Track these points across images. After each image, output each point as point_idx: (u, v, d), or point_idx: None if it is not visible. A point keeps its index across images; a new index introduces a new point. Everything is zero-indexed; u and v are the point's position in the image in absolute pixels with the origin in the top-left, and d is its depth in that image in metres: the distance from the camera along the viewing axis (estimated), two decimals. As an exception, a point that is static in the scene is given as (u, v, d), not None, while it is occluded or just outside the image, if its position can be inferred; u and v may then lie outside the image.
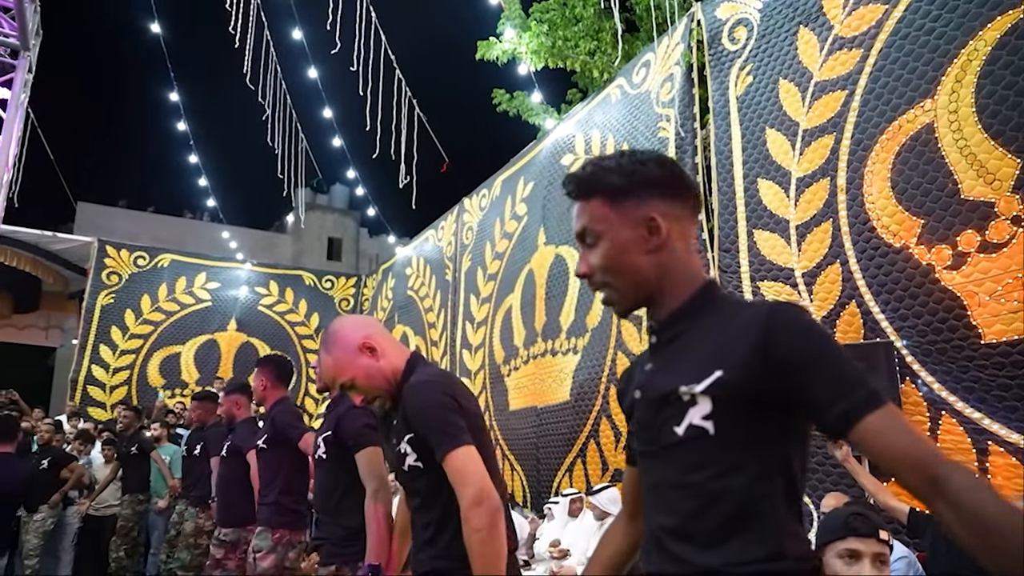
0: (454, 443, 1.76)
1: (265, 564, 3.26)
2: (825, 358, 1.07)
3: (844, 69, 4.49)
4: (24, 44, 4.33)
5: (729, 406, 1.11)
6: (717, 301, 1.24)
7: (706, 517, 1.11)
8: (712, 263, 5.24)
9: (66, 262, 11.55)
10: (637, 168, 1.25)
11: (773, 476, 1.10)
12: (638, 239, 1.24)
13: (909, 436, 1.01)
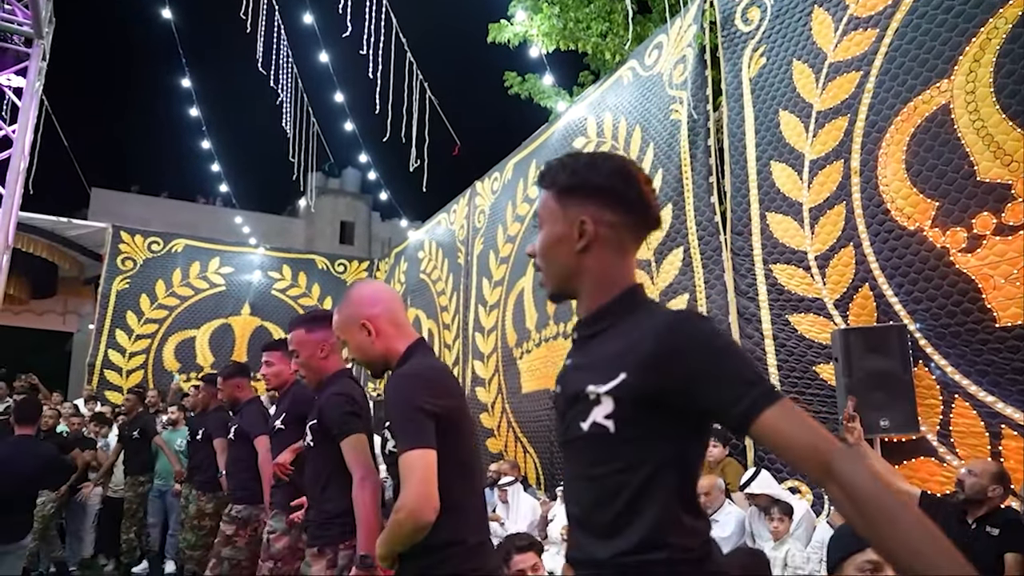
0: (408, 443, 1.82)
1: (279, 545, 3.31)
2: (722, 363, 1.15)
3: (859, 50, 4.44)
4: (38, 32, 4.34)
5: (629, 407, 1.19)
6: (636, 306, 1.31)
7: (603, 509, 1.21)
8: (725, 246, 5.23)
9: (82, 248, 11.64)
10: (586, 173, 1.33)
11: (667, 472, 1.19)
12: (568, 236, 1.33)
13: (804, 427, 1.10)
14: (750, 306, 4.97)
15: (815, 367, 4.50)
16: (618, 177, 1.32)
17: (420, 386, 1.90)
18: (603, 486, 1.22)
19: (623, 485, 1.19)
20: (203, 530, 5.39)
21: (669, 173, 5.81)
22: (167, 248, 11.54)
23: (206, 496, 5.48)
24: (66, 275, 12.37)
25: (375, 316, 2.08)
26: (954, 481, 3.53)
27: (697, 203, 5.52)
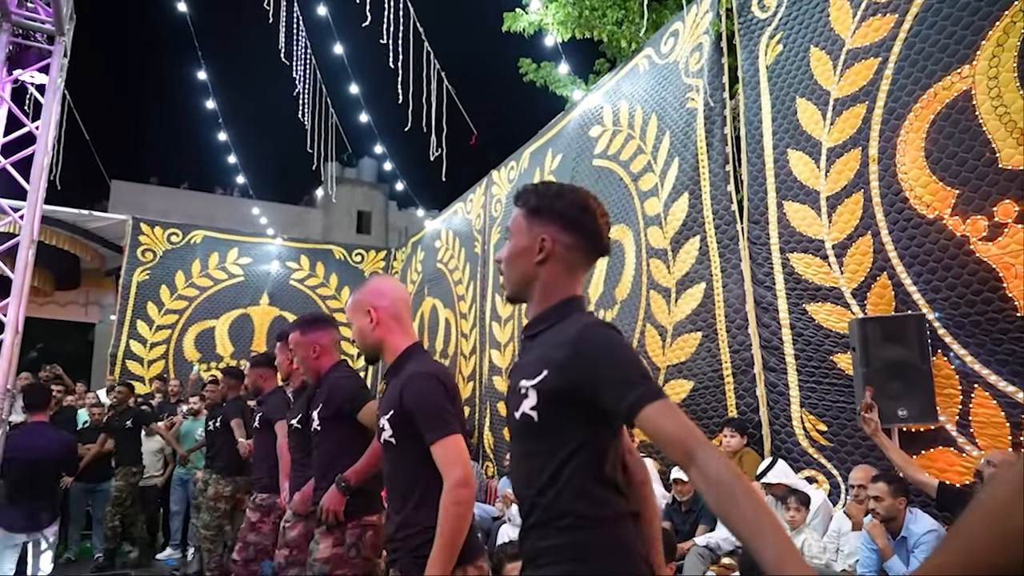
0: (446, 430, 2.07)
1: (293, 533, 3.41)
2: (617, 366, 1.38)
3: (877, 36, 4.39)
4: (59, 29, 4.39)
5: (548, 400, 1.44)
6: (568, 314, 1.54)
7: (531, 485, 1.47)
8: (741, 235, 5.20)
9: (103, 240, 11.77)
10: (551, 199, 1.58)
11: (579, 455, 1.43)
12: (530, 249, 1.58)
13: (675, 421, 1.31)
14: (767, 295, 4.95)
15: (832, 356, 4.48)
16: (578, 208, 1.57)
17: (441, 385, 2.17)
18: (531, 466, 1.48)
19: (544, 465, 1.44)
20: (217, 511, 5.68)
21: (685, 162, 5.78)
22: (186, 239, 11.64)
23: (224, 480, 5.72)
24: (88, 267, 12.51)
25: (381, 307, 2.32)
26: (973, 471, 3.52)
27: (714, 192, 5.50)
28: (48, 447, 4.74)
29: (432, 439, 2.06)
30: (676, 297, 5.71)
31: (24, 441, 4.66)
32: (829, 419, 4.47)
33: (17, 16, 4.37)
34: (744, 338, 5.07)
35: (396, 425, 2.15)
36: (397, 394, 2.16)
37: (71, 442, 5.38)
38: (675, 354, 5.64)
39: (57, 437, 5.01)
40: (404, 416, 2.12)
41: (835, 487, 4.39)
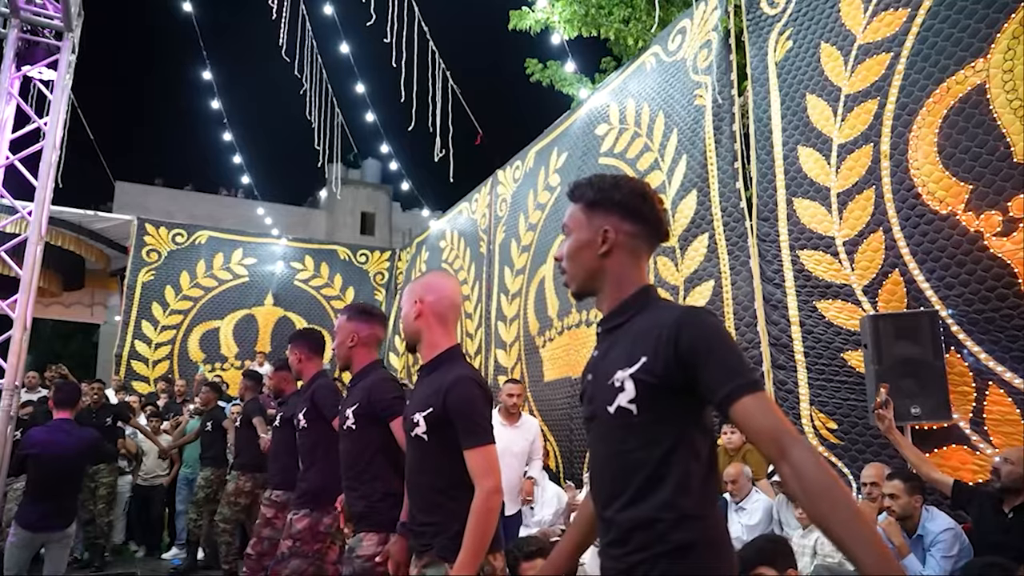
0: (484, 439, 2.14)
1: (299, 526, 3.54)
2: (718, 352, 1.37)
3: (889, 30, 4.36)
4: (68, 25, 4.38)
5: (648, 391, 1.41)
6: (650, 303, 1.54)
7: (628, 481, 1.43)
8: (750, 232, 5.18)
9: (108, 240, 11.78)
10: (609, 190, 1.58)
11: (680, 449, 1.40)
12: (593, 242, 1.58)
13: (771, 415, 1.31)
14: (776, 292, 4.92)
15: (843, 354, 4.45)
16: (636, 195, 1.57)
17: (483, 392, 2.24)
18: (627, 461, 1.43)
19: (644, 460, 1.40)
20: (237, 506, 5.91)
21: (693, 159, 5.76)
22: (191, 240, 11.64)
23: (245, 476, 5.93)
24: (93, 267, 12.52)
25: (427, 301, 2.36)
26: (988, 469, 3.48)
27: (722, 189, 5.47)
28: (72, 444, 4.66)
29: (469, 445, 2.13)
30: (684, 295, 5.68)
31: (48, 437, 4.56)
32: (840, 417, 4.44)
33: (26, 12, 4.37)
34: (753, 336, 5.04)
35: (432, 424, 2.19)
36: (439, 395, 2.18)
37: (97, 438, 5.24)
38: (684, 352, 5.61)
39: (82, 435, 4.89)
40: (443, 418, 2.17)
41: (847, 486, 4.36)
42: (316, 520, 3.55)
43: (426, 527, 2.20)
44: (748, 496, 4.46)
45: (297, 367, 4.01)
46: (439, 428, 2.16)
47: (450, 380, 2.19)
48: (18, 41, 4.40)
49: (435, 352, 2.33)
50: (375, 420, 2.87)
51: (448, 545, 2.11)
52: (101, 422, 7.14)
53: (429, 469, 2.24)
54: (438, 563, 2.13)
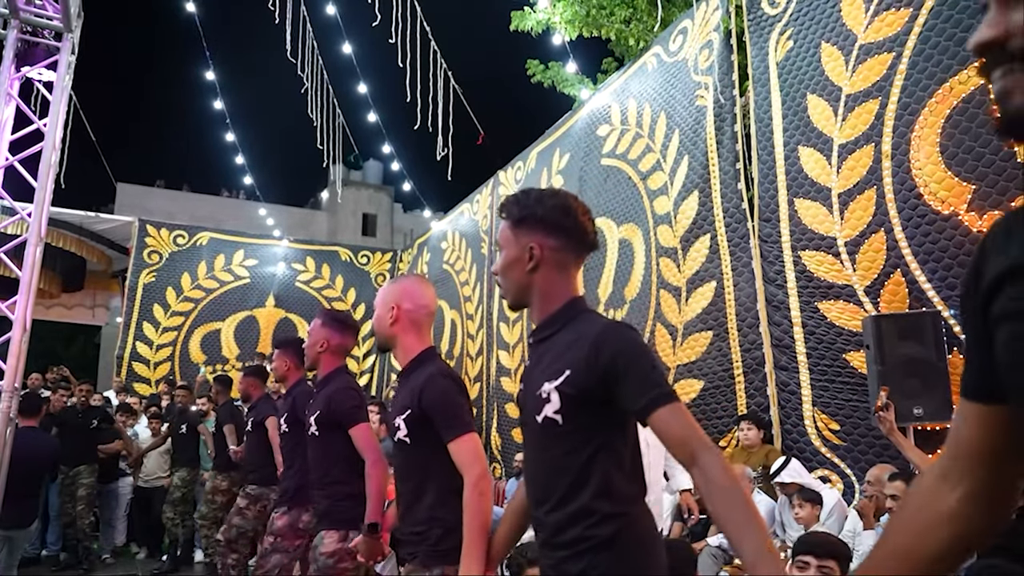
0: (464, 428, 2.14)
1: (279, 523, 3.74)
2: (636, 366, 1.46)
3: (891, 30, 4.35)
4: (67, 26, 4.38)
5: (571, 402, 1.50)
6: (577, 315, 1.62)
7: (555, 484, 1.52)
8: (752, 233, 5.17)
9: (109, 242, 11.76)
10: (533, 207, 1.65)
11: (602, 454, 1.50)
12: (520, 258, 1.65)
13: (683, 424, 1.41)
14: (778, 293, 4.91)
15: (845, 355, 4.44)
16: (559, 211, 1.63)
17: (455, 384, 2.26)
18: (553, 467, 1.54)
19: (569, 466, 1.51)
20: (214, 504, 6.20)
21: (695, 160, 5.75)
22: (192, 241, 11.63)
23: (221, 475, 6.24)
24: (94, 268, 12.51)
25: (403, 308, 2.37)
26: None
27: (724, 190, 5.46)
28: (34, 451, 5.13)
29: (450, 437, 2.12)
30: (686, 296, 5.67)
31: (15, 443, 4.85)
32: (842, 418, 4.43)
33: (25, 12, 4.36)
34: (755, 337, 5.03)
35: (411, 425, 2.20)
36: (415, 395, 2.21)
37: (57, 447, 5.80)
38: (685, 353, 5.60)
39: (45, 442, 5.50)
40: (420, 416, 2.18)
41: (849, 487, 4.34)
42: (295, 518, 3.73)
43: (412, 535, 2.21)
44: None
45: (283, 372, 4.14)
46: (419, 429, 2.18)
47: (423, 379, 2.23)
48: (17, 42, 4.39)
49: (410, 356, 2.37)
50: (336, 426, 3.08)
51: (430, 552, 2.13)
52: (87, 423, 7.13)
53: (413, 475, 2.24)
54: (420, 569, 2.16)
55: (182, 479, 7.27)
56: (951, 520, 0.93)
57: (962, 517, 0.93)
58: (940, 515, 0.94)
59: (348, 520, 3.02)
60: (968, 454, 0.93)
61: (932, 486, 0.97)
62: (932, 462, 1.09)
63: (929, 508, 0.96)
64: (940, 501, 0.95)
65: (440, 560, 2.10)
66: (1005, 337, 0.81)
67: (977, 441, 0.92)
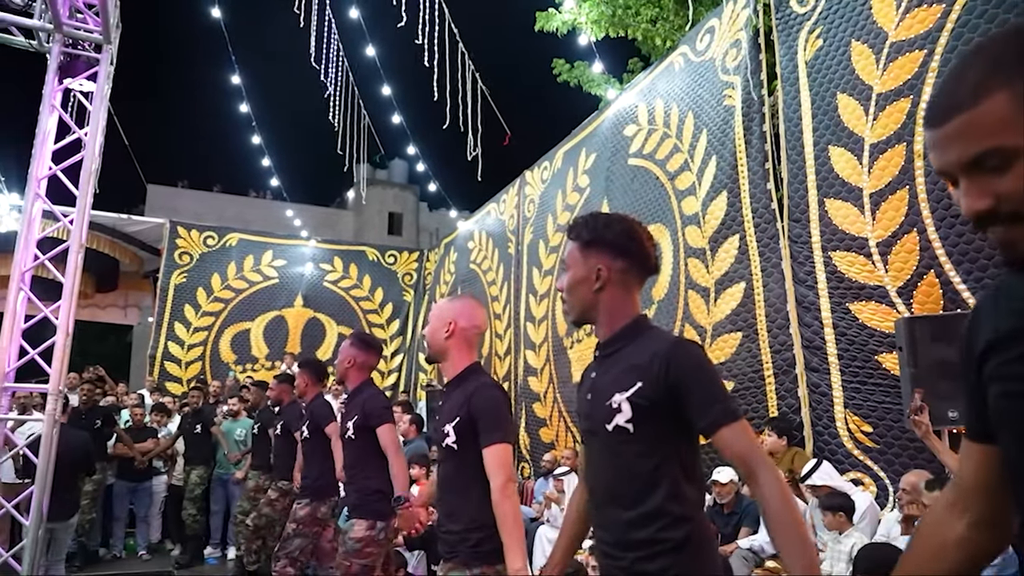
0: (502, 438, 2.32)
1: (302, 512, 4.43)
2: (703, 383, 1.58)
3: (923, 27, 4.31)
4: (107, 37, 4.48)
5: (642, 412, 1.61)
6: (642, 332, 1.73)
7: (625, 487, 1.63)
8: (782, 233, 5.14)
9: (141, 243, 11.94)
10: (601, 231, 1.77)
11: (670, 461, 1.61)
12: (588, 279, 1.76)
13: (746, 443, 1.53)
14: (808, 294, 4.88)
15: (877, 356, 4.40)
16: (626, 236, 1.76)
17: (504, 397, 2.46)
18: (624, 472, 1.64)
19: (639, 472, 1.61)
20: (255, 501, 6.32)
21: (723, 160, 5.73)
22: (222, 242, 11.76)
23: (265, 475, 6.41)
24: (127, 269, 12.70)
25: (461, 327, 2.54)
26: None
27: (753, 190, 5.44)
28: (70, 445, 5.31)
29: (487, 442, 2.30)
30: (715, 297, 5.66)
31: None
32: (875, 420, 4.40)
33: (68, 27, 4.49)
34: (786, 338, 5.00)
35: (460, 431, 2.37)
36: (464, 402, 2.39)
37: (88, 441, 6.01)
38: (715, 354, 5.58)
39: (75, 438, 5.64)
40: (468, 422, 2.35)
41: (882, 489, 4.31)
42: (315, 509, 4.43)
43: (453, 535, 2.37)
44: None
45: (302, 389, 4.95)
46: (467, 435, 2.35)
47: (472, 388, 2.41)
48: (60, 55, 4.51)
49: (459, 369, 2.53)
50: (369, 429, 3.53)
51: (472, 552, 2.31)
52: (90, 423, 7.24)
53: (459, 480, 2.40)
54: (461, 568, 2.32)
55: (200, 476, 7.62)
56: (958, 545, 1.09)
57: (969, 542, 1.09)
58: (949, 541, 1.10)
59: (375, 512, 3.53)
60: (971, 487, 1.10)
61: (942, 515, 1.14)
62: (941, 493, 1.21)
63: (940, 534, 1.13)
64: (949, 528, 1.11)
65: (481, 560, 2.28)
66: (995, 394, 0.99)
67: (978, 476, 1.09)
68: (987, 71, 0.88)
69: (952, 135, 0.90)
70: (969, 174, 0.91)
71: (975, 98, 0.88)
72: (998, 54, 0.89)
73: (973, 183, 0.90)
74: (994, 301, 1.02)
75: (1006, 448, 1.00)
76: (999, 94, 0.86)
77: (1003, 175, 0.87)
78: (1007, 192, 0.87)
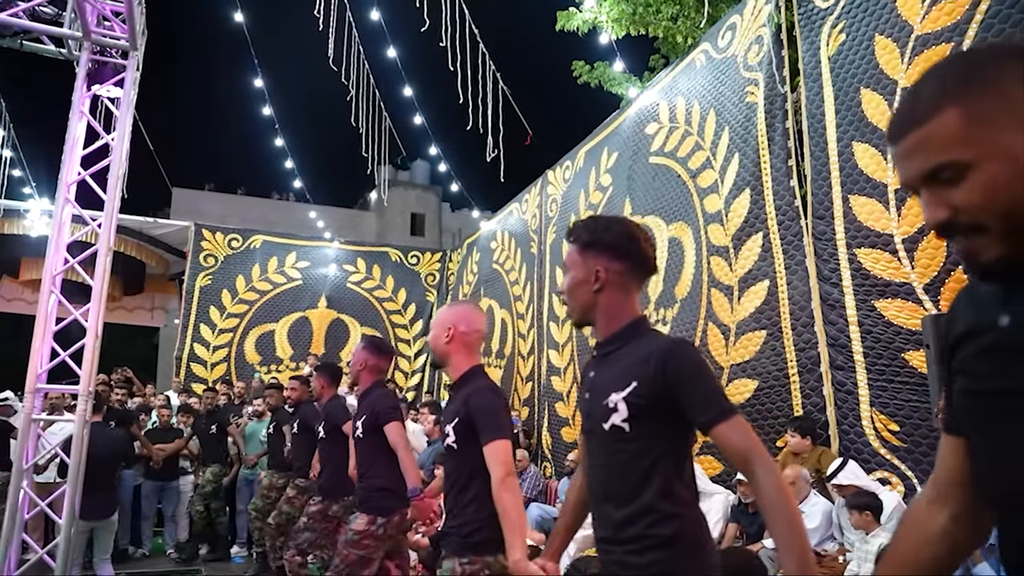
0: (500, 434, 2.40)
1: (313, 509, 4.67)
2: (698, 383, 1.62)
3: (950, 19, 4.24)
4: (133, 44, 4.57)
5: (638, 411, 1.65)
6: (640, 333, 1.77)
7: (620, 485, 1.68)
8: (806, 231, 5.10)
9: (167, 246, 12.11)
10: (600, 233, 1.81)
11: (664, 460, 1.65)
12: (587, 280, 1.80)
13: (742, 438, 1.56)
14: (833, 292, 4.84)
15: (904, 354, 4.35)
16: (625, 238, 1.79)
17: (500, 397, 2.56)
18: (620, 469, 1.69)
19: (634, 469, 1.66)
20: (268, 499, 6.54)
21: (746, 157, 5.69)
22: (246, 244, 11.87)
23: (279, 474, 6.59)
24: (153, 272, 12.88)
25: (460, 331, 2.64)
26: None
27: (776, 187, 5.40)
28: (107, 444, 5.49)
29: (486, 439, 2.40)
30: (739, 295, 5.62)
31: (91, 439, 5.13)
32: (902, 418, 4.34)
33: (96, 34, 4.59)
34: (810, 336, 4.96)
35: (459, 431, 2.48)
36: (464, 404, 2.50)
37: (126, 439, 6.22)
38: (739, 353, 5.55)
39: (113, 436, 5.88)
40: (466, 422, 2.46)
41: (910, 488, 4.26)
42: (327, 507, 4.65)
43: (450, 529, 2.51)
44: (807, 499, 4.40)
45: (319, 391, 5.12)
46: (466, 435, 2.46)
47: (470, 390, 2.53)
48: (89, 62, 4.60)
49: (460, 372, 2.64)
50: (378, 429, 3.71)
51: (459, 544, 2.45)
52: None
53: (459, 477, 2.52)
54: (450, 559, 2.45)
55: (214, 474, 7.82)
56: (941, 537, 1.12)
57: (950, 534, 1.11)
58: (932, 533, 1.13)
59: (377, 508, 3.74)
60: (950, 480, 1.13)
61: (924, 508, 1.16)
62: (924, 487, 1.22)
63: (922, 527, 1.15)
64: (932, 521, 1.13)
65: (470, 551, 2.41)
66: (957, 389, 1.04)
67: (956, 469, 1.11)
68: (939, 88, 0.94)
69: (909, 149, 0.96)
70: (927, 186, 0.96)
71: (928, 114, 0.93)
72: (950, 73, 0.95)
73: (931, 194, 0.95)
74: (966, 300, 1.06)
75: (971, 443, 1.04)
76: (950, 111, 0.91)
77: (958, 187, 0.92)
78: (962, 204, 0.91)
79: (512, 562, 2.17)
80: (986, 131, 0.89)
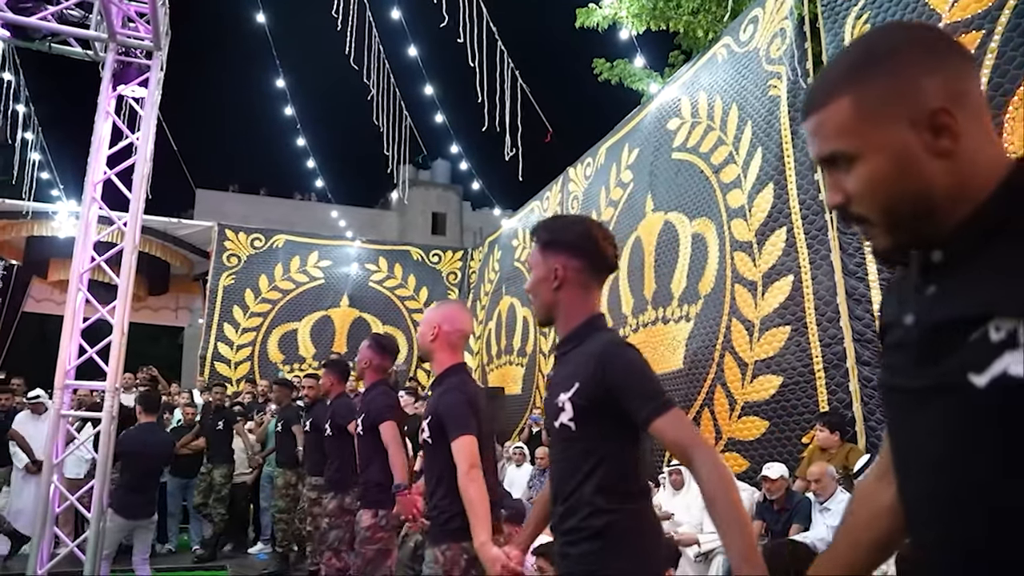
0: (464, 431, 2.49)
1: (331, 506, 4.77)
2: (635, 381, 1.66)
3: (980, 6, 4.16)
4: (157, 44, 4.63)
5: (582, 412, 1.71)
6: (592, 332, 1.81)
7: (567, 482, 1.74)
8: (830, 225, 5.04)
9: (191, 246, 12.21)
10: (560, 231, 1.88)
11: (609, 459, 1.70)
12: (547, 278, 1.84)
13: (679, 431, 1.60)
14: (859, 286, 4.78)
15: (933, 349, 4.27)
16: (582, 236, 1.83)
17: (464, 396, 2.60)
18: (567, 466, 1.76)
19: (578, 467, 1.72)
20: (287, 497, 6.81)
21: (769, 151, 5.63)
22: (269, 244, 11.95)
23: (292, 471, 6.80)
24: (177, 272, 13.00)
25: (444, 330, 2.74)
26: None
27: (800, 181, 5.34)
28: (157, 446, 5.61)
29: (452, 436, 2.50)
30: (763, 290, 5.57)
31: (143, 438, 5.42)
32: (931, 414, 4.27)
33: (121, 35, 4.66)
34: (836, 331, 4.90)
35: (433, 428, 2.61)
36: (435, 402, 2.65)
37: (172, 441, 6.33)
38: (763, 349, 5.50)
39: (164, 437, 5.99)
40: (438, 422, 2.58)
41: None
42: (341, 500, 4.71)
43: (430, 518, 2.67)
44: (833, 496, 4.35)
45: (327, 387, 5.23)
46: (438, 431, 2.58)
47: (443, 388, 2.66)
48: (114, 63, 4.67)
49: (442, 369, 2.75)
50: (374, 427, 3.82)
51: (437, 532, 2.60)
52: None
53: (433, 470, 2.65)
54: (431, 547, 2.61)
55: (223, 475, 7.82)
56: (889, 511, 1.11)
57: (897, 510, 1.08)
58: (880, 509, 1.13)
59: (377, 501, 3.85)
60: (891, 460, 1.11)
61: (872, 485, 1.17)
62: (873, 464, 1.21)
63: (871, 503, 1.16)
64: (880, 497, 1.13)
65: (448, 537, 2.54)
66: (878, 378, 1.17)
67: None
68: (840, 72, 0.92)
69: (811, 131, 0.94)
70: (827, 168, 0.94)
71: (825, 100, 0.91)
72: (852, 56, 0.92)
73: (831, 177, 0.94)
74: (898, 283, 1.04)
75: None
76: (844, 99, 0.89)
77: (848, 175, 0.91)
78: (851, 192, 0.91)
79: (477, 545, 2.27)
80: (872, 123, 0.87)
